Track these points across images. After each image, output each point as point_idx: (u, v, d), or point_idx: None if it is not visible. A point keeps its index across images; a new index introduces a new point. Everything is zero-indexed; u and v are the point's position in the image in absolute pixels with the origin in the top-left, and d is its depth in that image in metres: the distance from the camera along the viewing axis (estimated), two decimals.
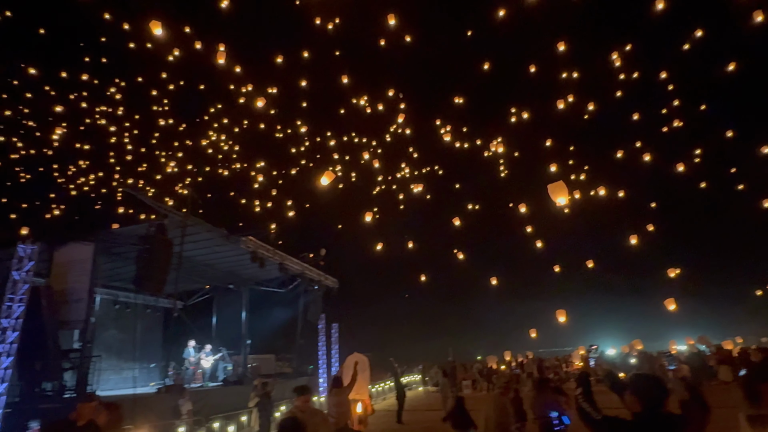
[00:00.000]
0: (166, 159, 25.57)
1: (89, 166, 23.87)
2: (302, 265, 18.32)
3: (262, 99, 21.34)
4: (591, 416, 2.76)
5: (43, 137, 22.34)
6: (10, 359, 9.15)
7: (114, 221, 16.99)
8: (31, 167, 22.11)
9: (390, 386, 22.44)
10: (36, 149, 22.22)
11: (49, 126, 22.42)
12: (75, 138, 23.10)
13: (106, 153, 24.15)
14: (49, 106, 21.99)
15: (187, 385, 14.61)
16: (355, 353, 9.90)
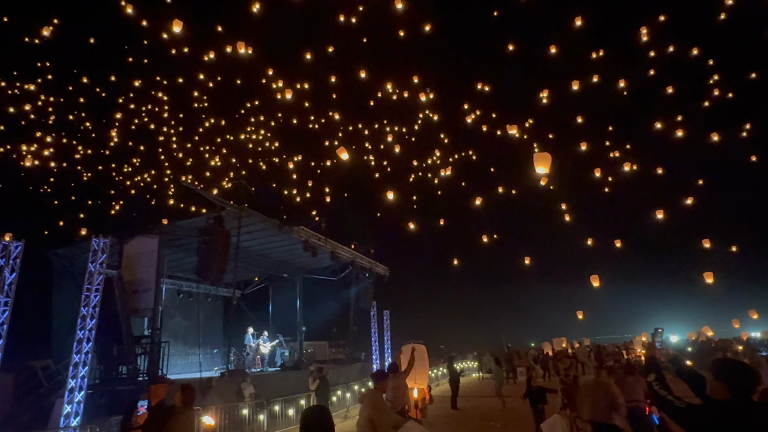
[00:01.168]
0: (211, 154, 26.59)
1: (143, 164, 25.22)
2: (353, 253, 18.57)
3: (292, 92, 21.93)
4: (672, 404, 2.52)
5: (99, 138, 23.83)
6: (90, 345, 9.87)
7: (172, 215, 17.95)
8: (91, 167, 23.65)
9: (443, 372, 22.45)
10: (93, 149, 23.75)
11: (104, 127, 23.88)
12: (127, 138, 24.47)
13: (156, 151, 25.44)
14: (102, 108, 23.50)
15: (247, 369, 15.27)
16: (411, 342, 9.94)
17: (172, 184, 24.91)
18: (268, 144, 27.35)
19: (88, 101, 23.04)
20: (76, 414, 9.42)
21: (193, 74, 23.91)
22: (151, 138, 25.04)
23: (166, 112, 25.30)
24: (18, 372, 12.41)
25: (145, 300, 12.77)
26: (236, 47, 18.84)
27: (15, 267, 9.18)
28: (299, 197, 26.38)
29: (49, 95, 21.82)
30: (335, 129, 27.07)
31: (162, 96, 24.95)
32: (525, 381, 10.49)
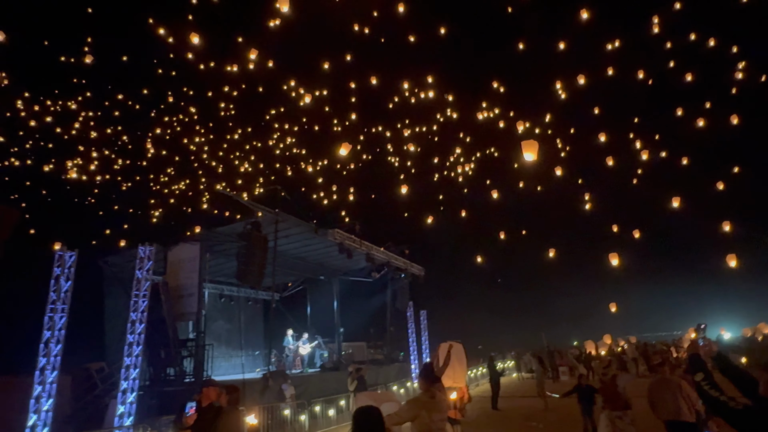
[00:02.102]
0: (240, 161, 27.30)
1: (177, 173, 26.17)
2: (388, 254, 18.66)
3: (313, 97, 22.38)
4: (727, 405, 2.33)
5: (136, 150, 24.91)
6: (140, 348, 10.35)
7: (208, 221, 18.58)
8: (129, 177, 24.76)
9: (483, 372, 22.22)
10: (131, 161, 24.85)
11: (139, 139, 24.94)
12: (161, 148, 25.44)
13: (190, 160, 26.34)
14: (137, 121, 24.55)
15: (288, 371, 15.60)
16: (449, 341, 9.89)
17: (206, 191, 25.78)
18: (295, 149, 27.86)
19: (124, 115, 24.17)
20: (129, 414, 9.90)
21: (219, 85, 24.73)
22: (183, 148, 25.99)
23: (196, 122, 26.22)
24: (75, 374, 13.12)
25: (189, 304, 13.27)
26: (257, 56, 19.43)
27: (70, 275, 9.74)
28: (327, 200, 26.76)
29: (88, 111, 23.03)
30: (357, 131, 27.38)
31: (191, 107, 25.88)
32: (569, 380, 10.32)
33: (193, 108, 25.88)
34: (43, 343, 9.27)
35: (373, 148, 28.24)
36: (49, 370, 9.22)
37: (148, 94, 24.40)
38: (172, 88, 24.78)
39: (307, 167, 27.51)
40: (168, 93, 24.88)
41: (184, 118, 25.89)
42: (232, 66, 22.32)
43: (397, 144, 27.49)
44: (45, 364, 9.21)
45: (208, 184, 26.02)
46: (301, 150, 27.79)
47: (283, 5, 13.62)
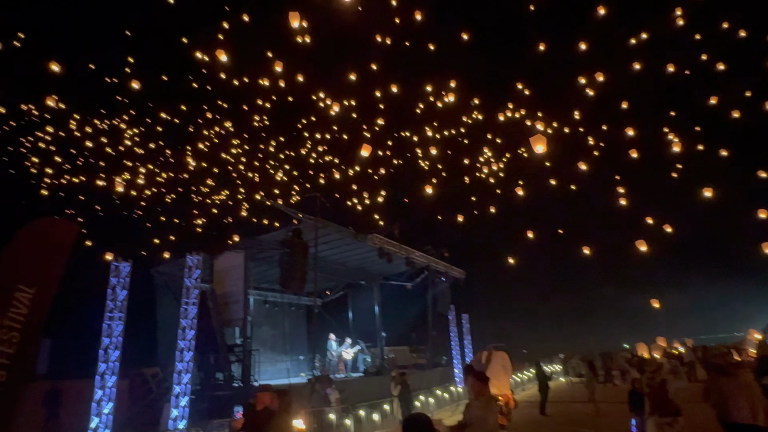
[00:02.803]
0: (275, 169, 27.95)
1: (217, 185, 27.09)
2: (427, 257, 18.58)
3: (341, 106, 22.79)
4: None
5: (177, 163, 25.96)
6: (191, 353, 10.73)
7: (248, 230, 19.13)
8: (172, 189, 25.83)
9: (529, 377, 21.71)
10: (173, 173, 25.94)
11: (180, 152, 26.01)
12: (201, 160, 26.40)
13: (227, 170, 27.21)
14: (177, 135, 25.63)
15: (332, 375, 15.75)
16: (492, 350, 9.73)
17: (245, 201, 26.56)
18: (328, 157, 28.28)
19: (165, 130, 25.34)
20: (182, 418, 10.26)
21: (252, 98, 25.51)
22: (221, 159, 26.93)
23: (232, 134, 27.11)
24: (132, 379, 13.75)
25: (236, 311, 13.68)
26: (287, 69, 20.03)
27: (125, 285, 10.24)
28: (363, 206, 26.95)
29: (132, 127, 24.31)
30: (386, 137, 27.53)
31: (227, 120, 26.78)
32: (621, 385, 9.94)
33: (228, 121, 26.80)
34: (103, 349, 9.78)
35: (404, 152, 28.34)
36: (109, 375, 9.72)
37: (186, 110, 25.53)
38: (208, 102, 25.82)
39: (340, 174, 27.90)
40: (204, 107, 25.90)
41: (220, 130, 26.86)
42: (263, 79, 23.05)
43: (426, 148, 27.50)
44: (105, 370, 9.71)
45: (246, 193, 26.83)
46: (334, 157, 28.21)
47: (294, 20, 14.00)
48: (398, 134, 27.66)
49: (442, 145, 27.24)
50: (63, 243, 6.28)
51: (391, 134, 27.59)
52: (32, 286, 5.70)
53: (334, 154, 28.01)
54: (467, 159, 27.80)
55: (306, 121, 27.52)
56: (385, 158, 27.95)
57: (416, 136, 27.02)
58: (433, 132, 26.96)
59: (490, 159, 27.62)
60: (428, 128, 26.59)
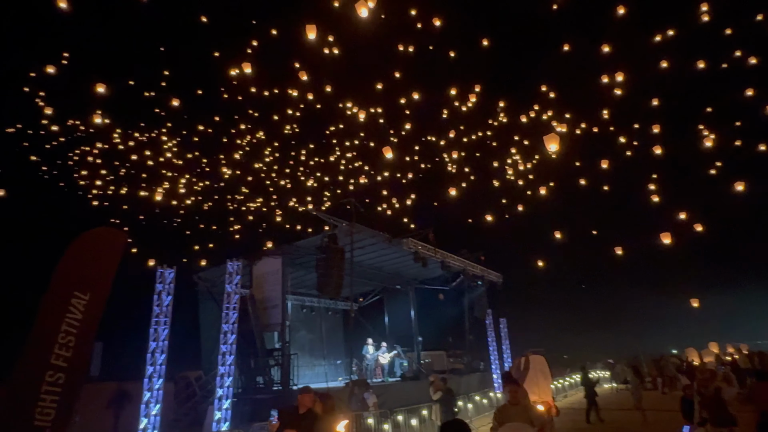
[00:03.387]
0: (306, 176, 28.41)
1: (251, 192, 27.76)
2: (464, 261, 18.40)
3: (367, 114, 23.04)
4: None
5: (212, 172, 26.80)
6: (232, 357, 11.00)
7: (283, 236, 19.52)
8: (208, 198, 26.65)
9: (571, 383, 21.11)
10: (210, 182, 26.76)
11: (215, 162, 26.84)
12: (235, 169, 27.13)
13: (261, 178, 27.86)
14: (212, 146, 26.49)
15: (369, 380, 15.79)
16: (530, 355, 9.50)
17: (278, 208, 27.12)
18: (358, 163, 28.50)
19: (201, 141, 26.26)
20: (225, 420, 10.53)
21: (282, 107, 26.11)
22: (254, 168, 27.63)
23: (264, 143, 27.76)
24: (177, 382, 14.23)
25: (274, 315, 13.93)
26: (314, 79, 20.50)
27: (170, 291, 10.62)
28: (396, 211, 27.00)
29: (170, 139, 25.32)
30: (412, 142, 27.58)
31: (258, 130, 27.46)
32: (669, 392, 9.51)
33: (260, 131, 27.51)
34: (150, 352, 10.17)
35: (432, 156, 28.30)
36: (156, 378, 10.08)
37: (219, 121, 26.42)
38: (240, 113, 26.60)
39: (369, 179, 28.10)
40: (236, 118, 26.71)
41: (252, 139, 27.60)
42: (292, 90, 23.65)
43: (455, 151, 27.35)
44: (152, 372, 10.08)
45: (279, 200, 27.43)
46: (363, 163, 28.44)
47: (310, 32, 14.25)
48: (425, 138, 27.67)
49: (471, 148, 27.09)
50: (114, 251, 6.57)
51: (418, 139, 27.63)
52: (86, 293, 5.98)
53: (363, 160, 28.26)
54: (496, 161, 27.50)
55: (334, 128, 27.93)
56: (414, 163, 27.99)
57: (443, 140, 26.95)
58: (461, 135, 26.84)
59: (519, 161, 27.20)
60: (455, 131, 26.50)
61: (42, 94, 20.64)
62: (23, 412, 5.17)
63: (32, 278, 10.18)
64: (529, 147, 26.59)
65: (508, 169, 27.21)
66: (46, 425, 5.32)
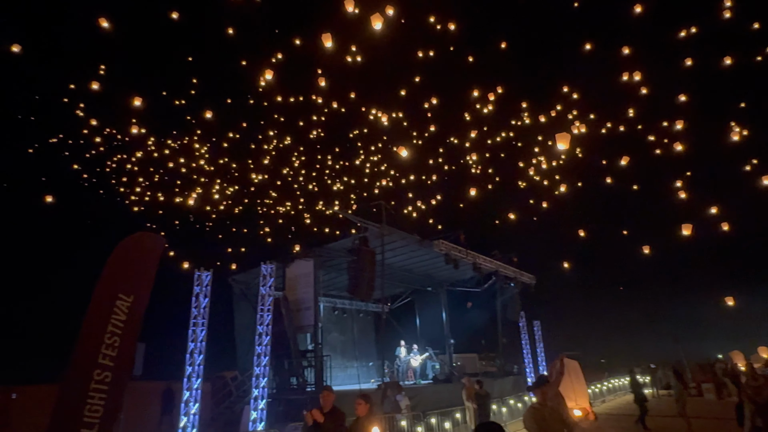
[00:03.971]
0: (332, 180, 28.63)
1: (280, 196, 28.20)
2: (495, 263, 18.17)
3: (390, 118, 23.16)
4: None
5: (242, 177, 27.38)
6: (267, 358, 11.20)
7: (319, 238, 19.77)
8: (239, 202, 27.23)
9: (609, 387, 20.50)
10: (240, 187, 27.36)
11: (245, 167, 27.40)
12: (263, 174, 27.63)
13: (288, 183, 28.29)
14: (242, 151, 27.10)
15: (401, 382, 15.77)
16: (564, 358, 9.27)
17: (306, 211, 27.49)
18: (384, 166, 28.55)
19: (231, 147, 26.88)
20: (261, 420, 10.72)
21: (307, 113, 26.47)
22: (282, 172, 28.10)
23: (291, 147, 28.20)
24: (213, 382, 14.59)
25: (307, 317, 14.11)
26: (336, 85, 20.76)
27: (207, 293, 10.91)
28: (425, 214, 26.90)
29: (201, 146, 26.02)
30: (437, 144, 27.44)
31: (285, 135, 27.92)
32: (714, 399, 9.09)
33: (287, 136, 27.99)
34: (189, 353, 10.46)
35: (457, 158, 28.13)
36: (195, 378, 10.37)
37: (247, 127, 27.05)
38: (266, 119, 27.15)
39: (395, 182, 28.13)
40: (263, 123, 27.27)
41: (278, 144, 28.09)
42: (316, 96, 24.06)
43: (479, 152, 27.12)
44: (191, 372, 10.37)
45: (307, 204, 27.82)
46: (389, 167, 28.49)
47: (326, 41, 14.41)
48: (449, 140, 27.53)
49: (496, 149, 26.83)
50: (153, 254, 6.80)
51: (443, 141, 27.52)
52: (130, 295, 6.21)
53: (388, 162, 28.33)
54: (523, 162, 27.12)
55: (358, 132, 28.14)
56: (439, 165, 27.89)
57: (468, 142, 26.75)
58: (485, 136, 26.60)
59: (544, 161, 26.70)
60: (478, 132, 26.26)
61: (81, 106, 21.63)
62: (74, 409, 5.41)
63: (78, 281, 10.67)
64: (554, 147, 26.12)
65: (532, 170, 26.82)
66: (95, 422, 5.55)
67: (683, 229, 17.72)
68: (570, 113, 24.59)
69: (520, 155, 27.05)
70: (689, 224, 17.78)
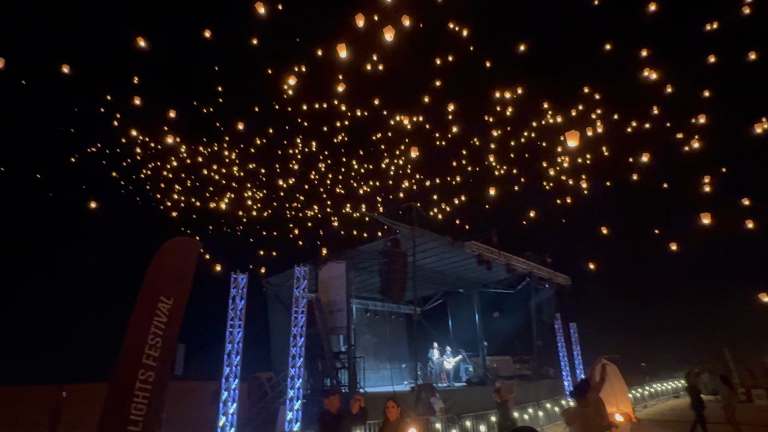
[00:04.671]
0: (357, 183, 28.76)
1: (308, 200, 28.59)
2: (529, 264, 17.85)
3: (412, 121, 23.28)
4: None
5: (270, 183, 27.88)
6: (302, 360, 11.36)
7: (342, 242, 19.95)
8: (268, 206, 27.71)
9: (651, 392, 19.81)
10: (267, 192, 27.84)
11: (272, 173, 27.89)
12: (291, 178, 28.04)
13: (315, 186, 28.63)
14: (268, 157, 27.58)
15: (434, 384, 15.69)
16: (603, 361, 9.00)
17: (334, 214, 27.75)
18: (408, 170, 28.48)
19: (258, 152, 27.43)
20: (296, 420, 10.87)
21: (331, 119, 26.71)
22: (308, 177, 28.50)
23: (316, 152, 28.52)
24: (250, 382, 14.90)
25: (340, 319, 14.22)
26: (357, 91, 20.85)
27: (243, 295, 11.16)
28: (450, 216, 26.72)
29: (231, 152, 26.64)
30: (461, 145, 27.20)
31: (311, 140, 28.27)
32: (766, 405, 8.59)
33: (312, 141, 28.36)
34: (227, 354, 10.73)
35: (482, 160, 27.82)
36: (232, 378, 10.62)
37: (273, 133, 27.54)
38: (291, 125, 27.61)
39: (420, 184, 28.06)
40: (287, 128, 27.73)
41: (304, 148, 28.49)
42: (339, 103, 24.27)
43: (506, 153, 26.75)
44: (228, 373, 10.63)
45: (334, 207, 28.11)
46: (414, 170, 28.43)
47: (341, 51, 14.50)
48: (472, 142, 27.29)
49: (522, 149, 26.44)
50: (191, 258, 7.02)
51: (466, 142, 27.30)
52: (170, 297, 6.43)
53: (412, 165, 28.29)
54: (546, 162, 26.60)
55: (381, 135, 28.26)
56: (462, 167, 27.69)
57: (492, 143, 26.47)
58: (508, 138, 26.27)
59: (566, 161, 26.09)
60: (500, 132, 25.94)
61: (117, 116, 22.56)
62: (122, 407, 5.64)
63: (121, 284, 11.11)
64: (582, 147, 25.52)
65: (553, 170, 26.26)
66: (139, 419, 5.77)
67: (702, 218, 17.13)
68: (593, 112, 24.03)
69: (546, 155, 26.59)
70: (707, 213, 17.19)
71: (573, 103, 24.38)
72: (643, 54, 19.97)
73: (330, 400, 5.52)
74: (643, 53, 19.96)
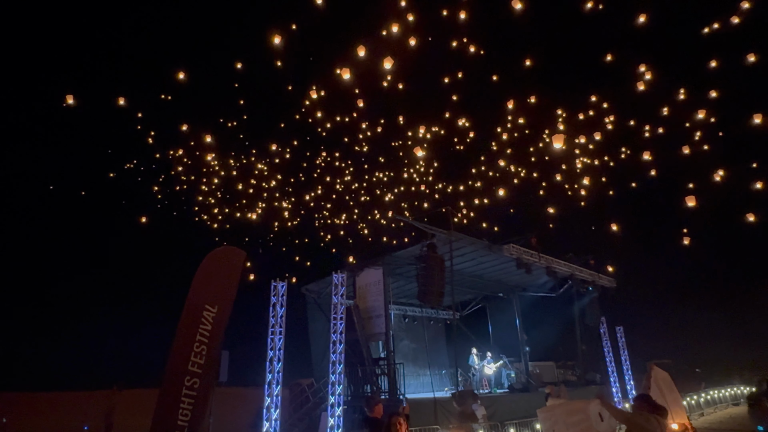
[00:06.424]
0: (381, 190, 28.77)
1: (335, 209, 28.85)
2: (570, 266, 17.34)
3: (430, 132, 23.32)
4: None
5: (297, 193, 28.36)
6: (342, 366, 11.43)
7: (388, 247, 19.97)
8: (296, 215, 28.20)
9: (707, 399, 18.80)
10: (296, 201, 28.33)
11: (299, 184, 28.39)
12: (318, 188, 28.42)
13: (341, 195, 28.86)
14: (293, 168, 28.12)
15: (475, 390, 15.43)
16: (654, 366, 8.57)
17: (361, 222, 27.90)
18: (431, 176, 28.30)
19: (282, 164, 27.97)
20: (338, 426, 10.93)
21: (354, 131, 26.90)
22: (334, 186, 28.77)
23: (339, 160, 28.79)
24: (291, 388, 15.10)
25: (378, 325, 14.24)
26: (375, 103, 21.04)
27: (283, 303, 11.36)
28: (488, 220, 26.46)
29: (258, 163, 27.29)
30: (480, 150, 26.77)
31: (334, 151, 28.57)
32: None
33: (337, 152, 28.67)
34: (269, 360, 10.94)
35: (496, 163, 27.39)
36: (275, 385, 10.81)
37: (297, 144, 28.08)
38: (314, 136, 28.04)
39: (445, 189, 27.82)
40: (309, 139, 28.15)
41: (327, 157, 28.87)
42: (357, 116, 24.55)
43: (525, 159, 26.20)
44: (271, 379, 10.82)
45: (362, 214, 28.32)
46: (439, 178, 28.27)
47: (344, 73, 14.68)
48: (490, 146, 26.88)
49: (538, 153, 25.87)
50: (235, 267, 7.21)
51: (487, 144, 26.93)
52: (215, 305, 6.63)
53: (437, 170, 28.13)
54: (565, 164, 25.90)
55: (401, 142, 28.26)
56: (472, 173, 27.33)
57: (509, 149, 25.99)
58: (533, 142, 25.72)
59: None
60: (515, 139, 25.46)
61: (152, 134, 23.56)
62: (170, 413, 5.84)
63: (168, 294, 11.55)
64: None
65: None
66: (185, 425, 5.96)
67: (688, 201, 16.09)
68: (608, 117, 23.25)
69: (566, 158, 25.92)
70: None
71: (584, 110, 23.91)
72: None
73: (377, 408, 5.64)
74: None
